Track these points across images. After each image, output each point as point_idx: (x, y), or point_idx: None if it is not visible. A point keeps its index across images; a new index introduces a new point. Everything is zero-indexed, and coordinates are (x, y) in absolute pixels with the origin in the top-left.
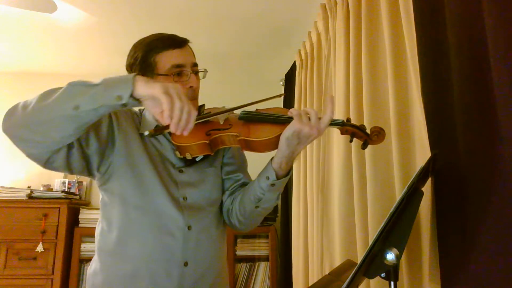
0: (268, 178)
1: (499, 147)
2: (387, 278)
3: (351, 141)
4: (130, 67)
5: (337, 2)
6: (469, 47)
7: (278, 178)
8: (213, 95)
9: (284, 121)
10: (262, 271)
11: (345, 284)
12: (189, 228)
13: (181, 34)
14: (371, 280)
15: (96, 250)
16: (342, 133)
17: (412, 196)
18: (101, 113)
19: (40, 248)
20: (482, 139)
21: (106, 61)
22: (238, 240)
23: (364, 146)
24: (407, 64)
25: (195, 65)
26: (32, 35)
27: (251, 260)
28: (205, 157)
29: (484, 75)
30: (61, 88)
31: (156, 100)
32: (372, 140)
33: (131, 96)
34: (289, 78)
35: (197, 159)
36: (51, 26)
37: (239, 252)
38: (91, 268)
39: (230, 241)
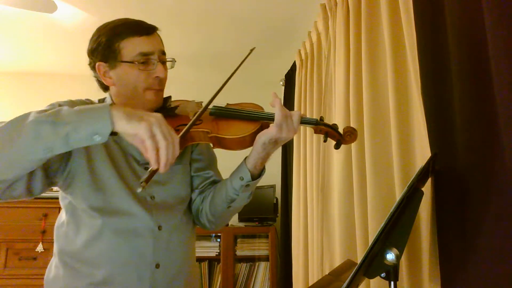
0: (242, 178)
1: (499, 147)
2: (387, 278)
3: (325, 141)
4: (92, 53)
5: (337, 2)
6: (469, 47)
7: (252, 178)
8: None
9: (257, 118)
10: (262, 271)
11: (345, 284)
12: (159, 228)
13: (181, 34)
14: (371, 280)
15: (57, 254)
16: (315, 132)
17: (412, 196)
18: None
19: (40, 248)
20: (482, 139)
21: None
22: (238, 240)
23: (337, 146)
24: (407, 64)
25: (164, 53)
26: (32, 35)
27: (251, 260)
28: None
29: (484, 75)
30: (19, 122)
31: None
32: (345, 140)
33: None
34: (289, 78)
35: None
36: (51, 26)
37: (239, 252)
38: (51, 273)
39: (230, 241)
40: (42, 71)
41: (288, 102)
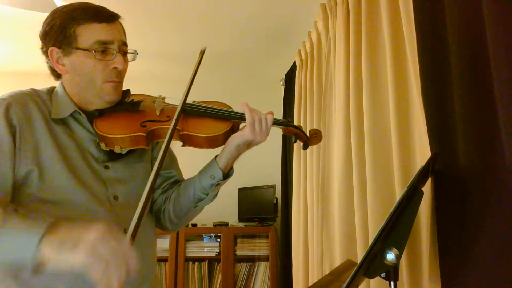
0: (213, 177)
1: (499, 147)
2: (387, 278)
3: (295, 141)
4: (44, 37)
5: (337, 2)
6: (469, 47)
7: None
8: (213, 95)
9: (228, 116)
10: (262, 271)
11: (345, 284)
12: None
13: (181, 33)
14: (371, 280)
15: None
16: (284, 133)
17: (412, 196)
18: None
19: None
20: (482, 139)
21: None
22: (238, 240)
23: (304, 147)
24: (407, 64)
25: (125, 44)
26: (32, 35)
27: (251, 260)
28: (132, 150)
29: (484, 75)
30: None
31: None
32: (311, 141)
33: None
34: (289, 78)
35: (123, 152)
36: None
37: (239, 252)
38: None
39: (230, 241)
40: (42, 71)
41: (288, 102)
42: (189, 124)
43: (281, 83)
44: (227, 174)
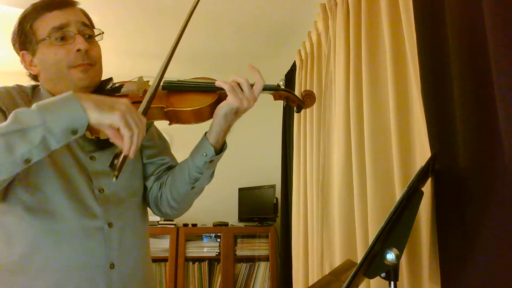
0: (205, 155)
1: (499, 147)
2: (387, 278)
3: (285, 105)
4: (13, 46)
5: (337, 2)
6: (469, 47)
7: (215, 153)
8: None
9: (213, 88)
10: (262, 271)
11: (345, 284)
12: (110, 225)
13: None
14: (371, 280)
15: None
16: (275, 99)
17: (412, 196)
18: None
19: None
20: (482, 139)
21: (104, 62)
22: (238, 240)
23: (298, 110)
24: (407, 64)
25: (86, 25)
26: None
27: (251, 260)
28: None
29: (484, 75)
30: None
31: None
32: (304, 103)
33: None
34: (289, 78)
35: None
36: None
37: (239, 252)
38: None
39: (230, 241)
40: None
41: None
42: (173, 101)
43: (281, 83)
44: (220, 149)
